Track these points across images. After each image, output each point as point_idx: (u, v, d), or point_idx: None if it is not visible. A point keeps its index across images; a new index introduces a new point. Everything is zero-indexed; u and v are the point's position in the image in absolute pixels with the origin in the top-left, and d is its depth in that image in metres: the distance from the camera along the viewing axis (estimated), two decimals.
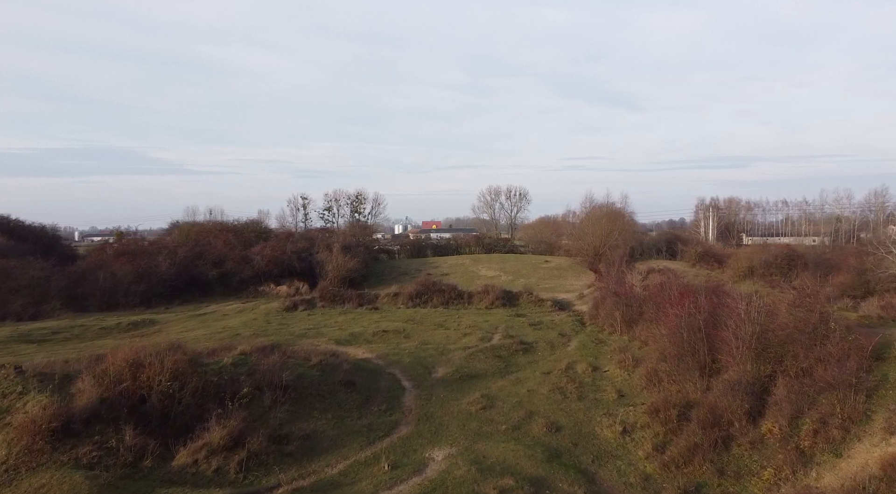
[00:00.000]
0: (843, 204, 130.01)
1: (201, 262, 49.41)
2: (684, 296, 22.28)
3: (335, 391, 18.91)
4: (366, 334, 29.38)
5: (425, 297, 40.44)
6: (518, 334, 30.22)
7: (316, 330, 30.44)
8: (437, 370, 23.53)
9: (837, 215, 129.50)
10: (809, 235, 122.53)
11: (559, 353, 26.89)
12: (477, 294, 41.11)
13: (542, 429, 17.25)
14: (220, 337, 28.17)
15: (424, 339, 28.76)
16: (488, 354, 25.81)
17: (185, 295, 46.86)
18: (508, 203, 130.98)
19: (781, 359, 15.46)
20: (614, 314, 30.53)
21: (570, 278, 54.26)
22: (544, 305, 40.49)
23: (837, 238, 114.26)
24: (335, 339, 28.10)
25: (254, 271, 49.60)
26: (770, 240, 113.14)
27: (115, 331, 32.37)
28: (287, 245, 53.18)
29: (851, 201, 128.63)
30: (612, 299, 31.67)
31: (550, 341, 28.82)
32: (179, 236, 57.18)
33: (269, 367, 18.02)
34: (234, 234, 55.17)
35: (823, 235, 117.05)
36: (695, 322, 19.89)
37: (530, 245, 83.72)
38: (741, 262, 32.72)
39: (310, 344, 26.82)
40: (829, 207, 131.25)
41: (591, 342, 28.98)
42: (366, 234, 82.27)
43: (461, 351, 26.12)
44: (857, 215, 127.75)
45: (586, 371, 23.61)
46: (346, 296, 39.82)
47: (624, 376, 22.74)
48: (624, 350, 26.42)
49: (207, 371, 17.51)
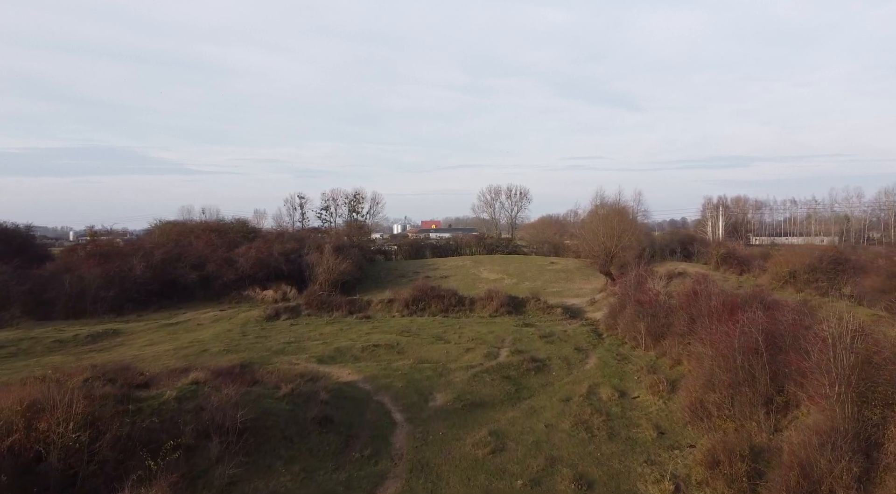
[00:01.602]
0: (854, 203, 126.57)
1: (180, 264, 45.57)
2: (734, 309, 18.50)
3: (307, 432, 15.10)
4: (353, 349, 25.58)
5: (423, 304, 36.66)
6: (528, 348, 26.45)
7: (297, 344, 26.63)
8: (434, 396, 19.74)
9: (846, 215, 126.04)
10: (819, 234, 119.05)
11: (577, 373, 23.12)
12: (479, 301, 37.34)
13: (568, 485, 13.46)
14: (184, 354, 24.38)
15: (421, 355, 24.98)
16: (495, 375, 22.03)
17: (162, 301, 43.04)
18: (509, 202, 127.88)
19: (893, 403, 11.76)
20: (637, 325, 26.76)
21: (578, 282, 50.55)
22: (554, 312, 36.74)
23: (849, 238, 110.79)
24: (317, 356, 24.29)
25: (237, 275, 45.77)
26: (778, 240, 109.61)
27: (70, 345, 28.56)
28: (274, 246, 49.34)
29: (861, 200, 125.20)
30: (634, 308, 27.90)
31: (566, 357, 25.05)
32: (160, 236, 53.32)
33: (223, 403, 14.22)
34: (217, 234, 51.31)
35: (834, 235, 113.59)
36: (752, 343, 16.13)
37: (533, 245, 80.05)
38: (781, 266, 29.08)
39: (287, 363, 23.06)
40: (839, 206, 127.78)
41: (612, 358, 25.21)
42: (361, 234, 78.39)
43: (463, 372, 22.33)
44: (867, 214, 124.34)
45: (612, 398, 19.83)
46: (335, 303, 36.01)
47: (659, 404, 18.96)
48: (653, 370, 22.69)
49: (142, 410, 13.73)
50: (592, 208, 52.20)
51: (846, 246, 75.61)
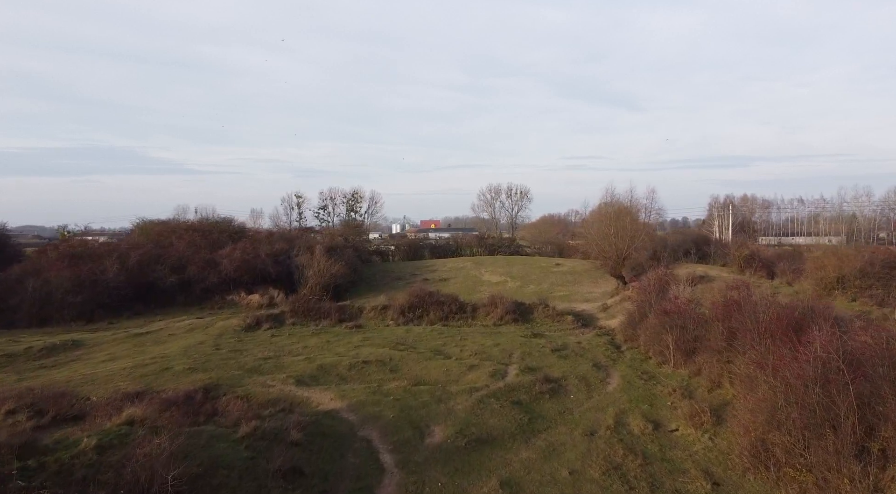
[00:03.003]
0: (863, 202, 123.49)
1: (159, 267, 42.17)
2: (797, 325, 15.19)
3: (267, 489, 11.73)
4: (340, 367, 22.23)
5: (420, 310, 33.32)
6: (539, 364, 23.14)
7: (275, 361, 23.27)
8: (432, 429, 16.41)
9: (853, 214, 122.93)
10: (829, 234, 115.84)
11: (599, 396, 19.79)
12: (482, 307, 34.01)
13: None
14: (141, 373, 21.01)
15: (417, 374, 21.66)
16: (504, 400, 18.69)
17: (138, 307, 39.66)
18: (509, 202, 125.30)
19: None
20: (663, 338, 23.45)
21: (586, 285, 47.20)
22: (564, 320, 33.42)
23: (859, 238, 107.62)
24: (297, 376, 20.93)
25: (220, 278, 42.39)
26: (785, 240, 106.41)
27: (20, 359, 25.17)
28: (261, 247, 45.95)
29: (871, 199, 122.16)
30: (659, 317, 24.58)
31: (584, 376, 21.72)
32: (140, 236, 49.94)
33: (154, 456, 10.85)
34: (200, 234, 47.88)
35: (844, 234, 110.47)
36: (833, 372, 12.82)
37: (535, 246, 76.84)
38: (828, 270, 25.79)
39: (260, 385, 19.73)
40: (848, 205, 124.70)
41: (637, 377, 21.89)
42: (356, 233, 75.01)
43: (466, 396, 18.99)
44: (876, 213, 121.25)
45: (645, 431, 16.51)
46: (324, 310, 32.64)
47: (704, 441, 15.64)
48: (688, 393, 19.39)
49: (45, 467, 10.38)
50: (602, 205, 48.88)
51: (857, 245, 72.38)
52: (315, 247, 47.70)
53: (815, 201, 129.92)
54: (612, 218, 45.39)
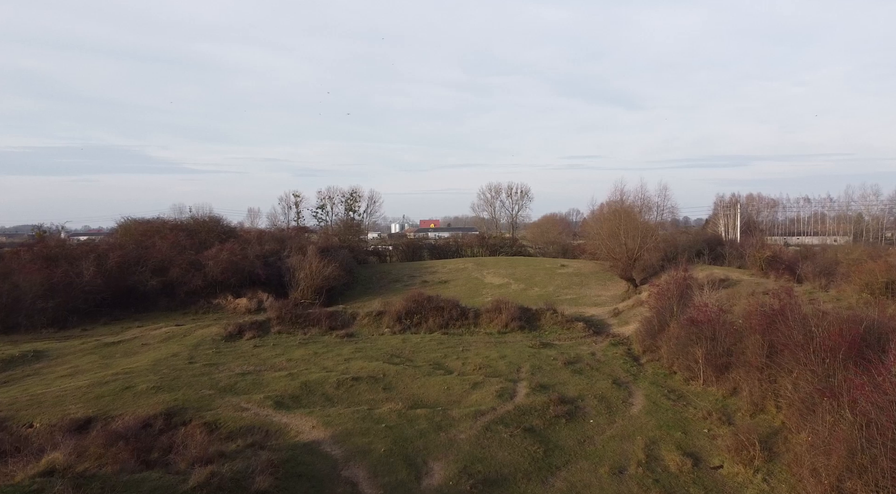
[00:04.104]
0: (871, 201, 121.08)
1: (140, 269, 39.57)
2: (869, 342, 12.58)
3: None
4: (326, 384, 19.61)
5: (418, 317, 30.69)
6: (552, 381, 20.55)
7: (254, 377, 20.62)
8: (431, 467, 13.79)
9: (859, 213, 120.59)
10: (838, 233, 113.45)
11: (623, 420, 17.18)
12: (486, 313, 31.38)
13: None
14: (98, 393, 18.36)
15: (414, 394, 19.05)
16: (514, 427, 16.09)
17: (116, 312, 37.11)
18: (510, 201, 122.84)
19: None
20: (692, 351, 20.83)
21: (594, 287, 44.66)
22: (574, 327, 30.81)
23: (867, 237, 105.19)
24: (276, 396, 18.30)
25: (205, 281, 39.81)
26: (790, 239, 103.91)
27: None
28: (250, 248, 43.32)
29: (879, 198, 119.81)
30: (685, 327, 21.97)
31: (603, 396, 19.11)
32: (123, 236, 47.28)
33: None
34: (186, 234, 45.24)
35: (853, 233, 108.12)
36: None
37: (538, 246, 74.27)
38: (874, 275, 23.15)
39: (233, 408, 17.11)
40: (855, 204, 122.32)
41: (664, 396, 19.29)
42: (353, 233, 72.36)
43: (470, 421, 16.38)
44: (884, 212, 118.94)
45: (684, 468, 13.91)
46: (313, 317, 29.96)
47: (758, 483, 13.02)
48: (726, 418, 16.83)
49: None
50: (611, 203, 46.23)
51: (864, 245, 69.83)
52: (307, 248, 45.11)
53: (822, 199, 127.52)
54: (623, 216, 42.77)
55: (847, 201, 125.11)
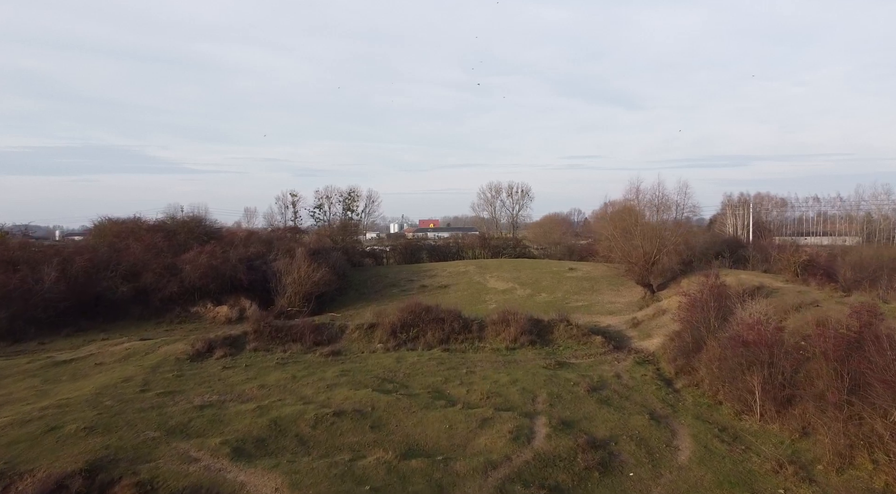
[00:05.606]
0: (882, 200, 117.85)
1: (109, 274, 36.00)
2: None
3: None
4: (301, 422, 16.00)
5: (415, 330, 27.09)
6: (576, 415, 16.99)
7: (215, 411, 16.99)
8: None
9: (868, 213, 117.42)
10: (848, 233, 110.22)
11: (670, 474, 13.60)
12: (492, 326, 27.77)
13: None
14: (14, 437, 14.73)
15: (408, 435, 15.45)
16: (535, 485, 12.51)
17: (81, 322, 33.47)
18: (510, 200, 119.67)
19: None
20: (745, 379, 17.27)
21: (607, 293, 41.07)
22: (592, 342, 27.22)
23: (879, 238, 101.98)
24: (237, 440, 14.69)
25: (181, 287, 36.22)
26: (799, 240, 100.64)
27: None
28: (232, 250, 39.68)
29: (890, 198, 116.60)
30: (732, 348, 18.39)
31: (641, 437, 15.53)
32: (96, 237, 43.66)
33: None
34: (163, 235, 41.60)
35: (866, 233, 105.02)
36: None
37: (541, 246, 70.74)
38: None
39: (178, 459, 13.50)
40: (866, 203, 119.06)
41: (715, 437, 15.72)
42: (349, 233, 68.70)
43: (479, 479, 12.80)
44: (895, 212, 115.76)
45: None
46: (296, 331, 26.29)
47: None
48: (803, 472, 13.25)
49: None
50: (625, 201, 42.67)
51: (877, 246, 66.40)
52: (296, 250, 41.51)
53: (832, 199, 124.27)
54: (639, 216, 39.22)
55: (857, 200, 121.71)
